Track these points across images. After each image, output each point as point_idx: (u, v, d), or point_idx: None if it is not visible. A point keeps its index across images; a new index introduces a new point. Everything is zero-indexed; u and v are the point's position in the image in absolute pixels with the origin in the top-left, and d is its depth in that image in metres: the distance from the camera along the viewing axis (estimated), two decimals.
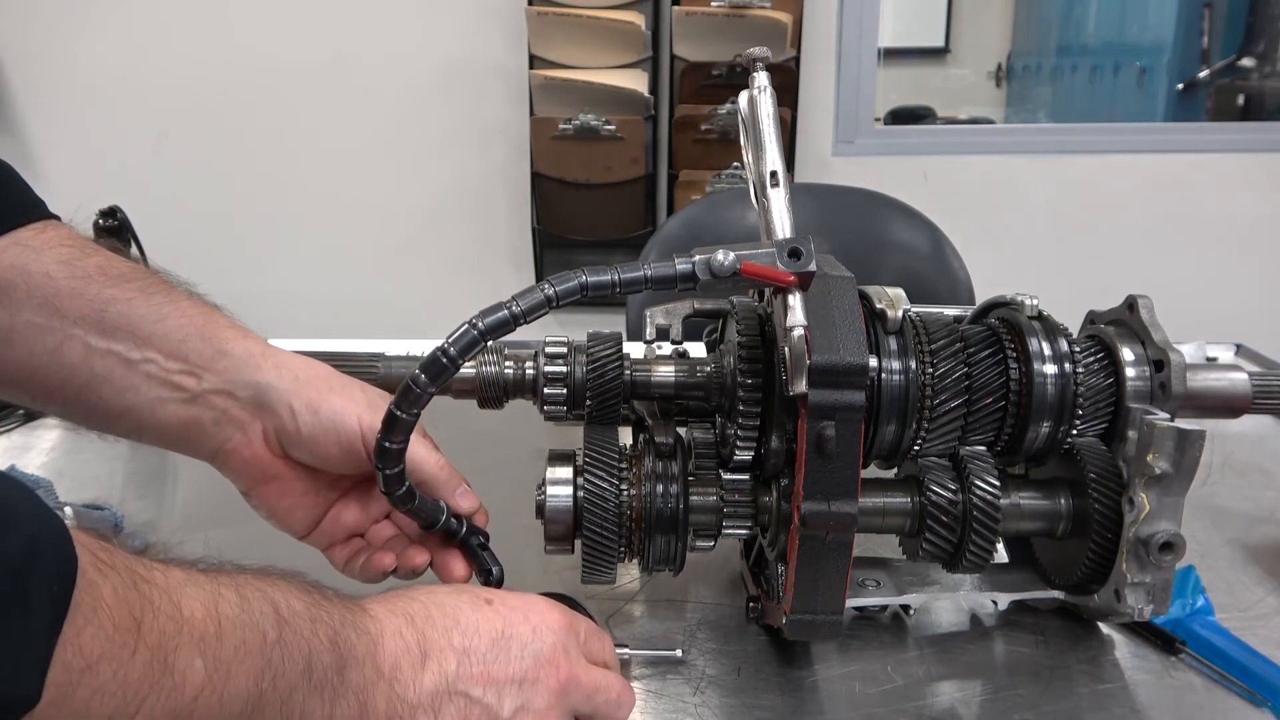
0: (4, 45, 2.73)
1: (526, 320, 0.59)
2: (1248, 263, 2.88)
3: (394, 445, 0.62)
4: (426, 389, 0.59)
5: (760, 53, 0.70)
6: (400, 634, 0.57)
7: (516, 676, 0.60)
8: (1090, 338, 0.81)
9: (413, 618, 0.59)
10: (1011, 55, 4.90)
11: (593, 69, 2.62)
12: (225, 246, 2.83)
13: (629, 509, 0.75)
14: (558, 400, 0.79)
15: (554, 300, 0.59)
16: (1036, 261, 2.81)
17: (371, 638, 0.56)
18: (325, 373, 0.71)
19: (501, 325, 0.58)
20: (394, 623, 0.58)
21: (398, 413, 0.60)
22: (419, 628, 0.58)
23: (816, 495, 0.67)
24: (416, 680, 0.57)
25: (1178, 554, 0.72)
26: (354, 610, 0.57)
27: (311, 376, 0.70)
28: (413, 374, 0.59)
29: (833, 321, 0.67)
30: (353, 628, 0.55)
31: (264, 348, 0.70)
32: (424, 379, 0.59)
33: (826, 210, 1.92)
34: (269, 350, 0.70)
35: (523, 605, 0.63)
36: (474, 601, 0.62)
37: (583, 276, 0.59)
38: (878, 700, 0.75)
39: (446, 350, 0.58)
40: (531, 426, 0.86)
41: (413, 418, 0.60)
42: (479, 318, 0.58)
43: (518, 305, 0.59)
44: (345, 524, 0.73)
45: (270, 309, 0.78)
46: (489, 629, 0.60)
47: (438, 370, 0.58)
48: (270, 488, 0.71)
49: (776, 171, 0.67)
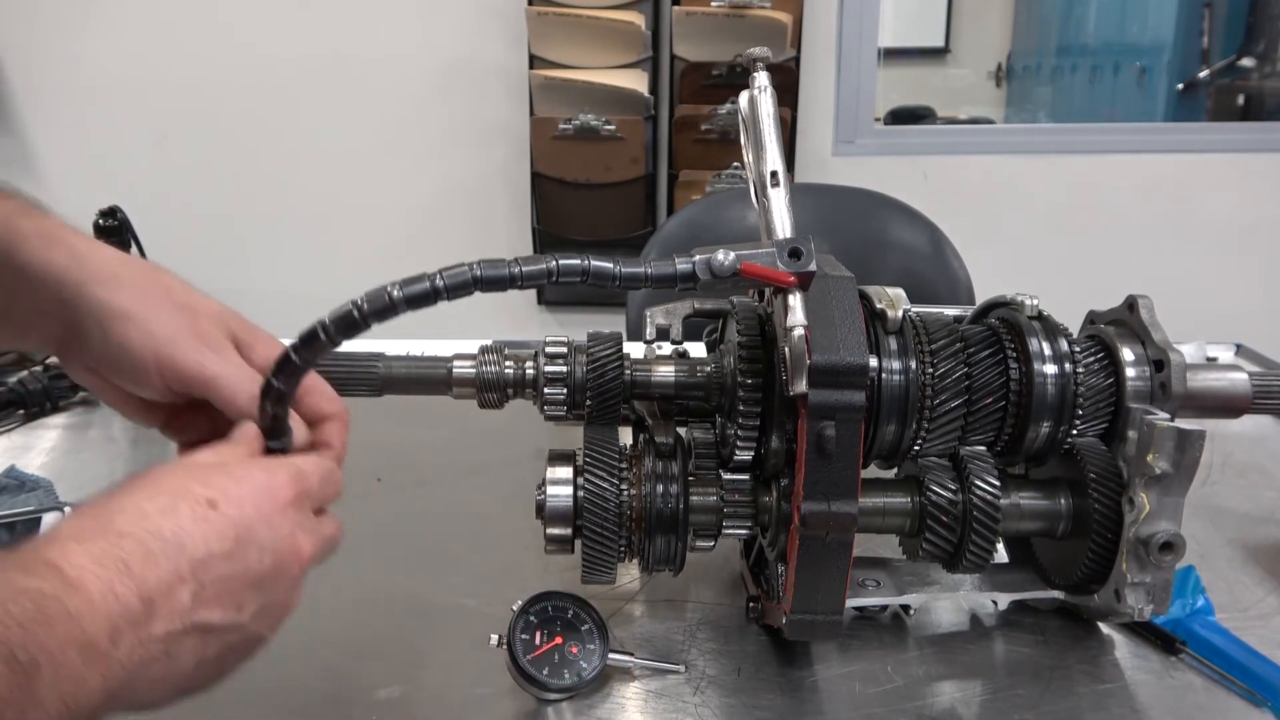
0: (4, 45, 2.74)
1: (449, 296, 0.57)
2: (1248, 263, 2.88)
3: (280, 387, 0.58)
4: (332, 338, 0.56)
5: (760, 53, 0.70)
6: (113, 592, 0.47)
7: (256, 579, 0.54)
8: (1090, 338, 0.81)
9: (128, 564, 0.49)
10: (1011, 55, 4.90)
11: (593, 69, 2.62)
12: (225, 246, 2.84)
13: (629, 509, 0.74)
14: (558, 400, 0.78)
15: (555, 273, 0.57)
16: (1036, 261, 2.81)
17: (73, 617, 0.45)
18: (150, 293, 0.64)
19: (423, 296, 0.56)
20: (105, 578, 0.48)
21: (294, 357, 0.57)
22: (137, 574, 0.49)
23: (816, 495, 0.67)
24: (143, 634, 0.48)
25: (1178, 554, 0.72)
26: (40, 578, 0.46)
27: (126, 299, 0.63)
28: (321, 320, 0.56)
29: (833, 321, 0.67)
30: (40, 619, 0.44)
31: (68, 262, 0.62)
32: (333, 329, 0.55)
33: (826, 210, 1.92)
34: (70, 267, 0.62)
35: (250, 492, 0.55)
36: (194, 511, 0.53)
37: (589, 261, 0.58)
38: (878, 700, 0.75)
39: (359, 305, 0.56)
40: (531, 427, 0.86)
41: (309, 365, 0.57)
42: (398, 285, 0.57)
43: (479, 268, 0.56)
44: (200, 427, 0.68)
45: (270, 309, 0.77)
46: (220, 541, 0.52)
47: (347, 324, 0.55)
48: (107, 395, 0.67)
49: (777, 171, 0.67)
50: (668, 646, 0.80)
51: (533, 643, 0.74)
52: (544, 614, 0.76)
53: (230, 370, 0.64)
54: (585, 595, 0.77)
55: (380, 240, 2.88)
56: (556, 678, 0.73)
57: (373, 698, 0.74)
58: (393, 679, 0.76)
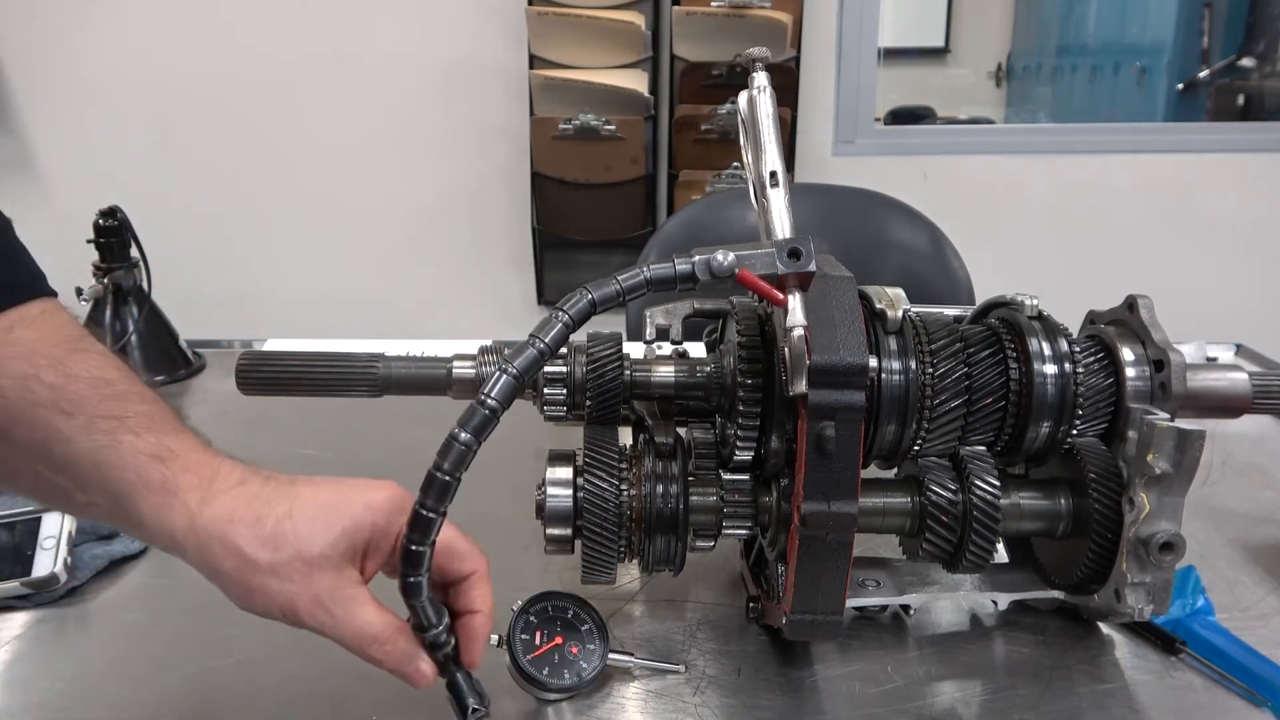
0: (4, 45, 2.73)
1: (555, 353, 0.58)
2: (1248, 263, 2.88)
3: (419, 548, 0.58)
4: (454, 475, 0.56)
5: (759, 53, 0.70)
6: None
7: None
8: (1090, 338, 0.81)
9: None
10: (1011, 55, 4.90)
11: (593, 69, 2.62)
12: (225, 246, 2.84)
13: (629, 509, 0.75)
14: (557, 400, 0.79)
15: (571, 325, 0.58)
16: (1036, 261, 2.81)
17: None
18: (247, 558, 0.60)
19: (533, 364, 0.57)
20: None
21: (423, 511, 0.57)
22: None
23: (816, 495, 0.67)
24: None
25: (1178, 554, 0.72)
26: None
27: (235, 566, 0.60)
28: (436, 463, 0.56)
29: (832, 322, 0.67)
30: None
31: (185, 521, 0.60)
32: (449, 466, 0.56)
33: (826, 210, 1.92)
34: (192, 527, 0.60)
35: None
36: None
37: (590, 294, 0.59)
38: (878, 700, 0.75)
39: (485, 401, 0.56)
40: (532, 427, 0.86)
41: (440, 516, 0.57)
42: (509, 362, 0.57)
43: (540, 342, 0.57)
44: None
45: (270, 309, 0.78)
46: None
47: (459, 459, 0.56)
48: None
49: (776, 172, 0.67)
50: (668, 646, 0.80)
51: (533, 643, 0.74)
52: (544, 614, 0.76)
53: (351, 629, 0.62)
54: (585, 595, 0.77)
55: (380, 240, 2.88)
56: (556, 678, 0.73)
57: (373, 698, 0.74)
58: (393, 679, 0.76)
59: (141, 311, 1.36)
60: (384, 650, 0.62)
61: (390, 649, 0.62)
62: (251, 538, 0.60)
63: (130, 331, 1.34)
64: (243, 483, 0.62)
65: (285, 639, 0.47)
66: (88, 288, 1.33)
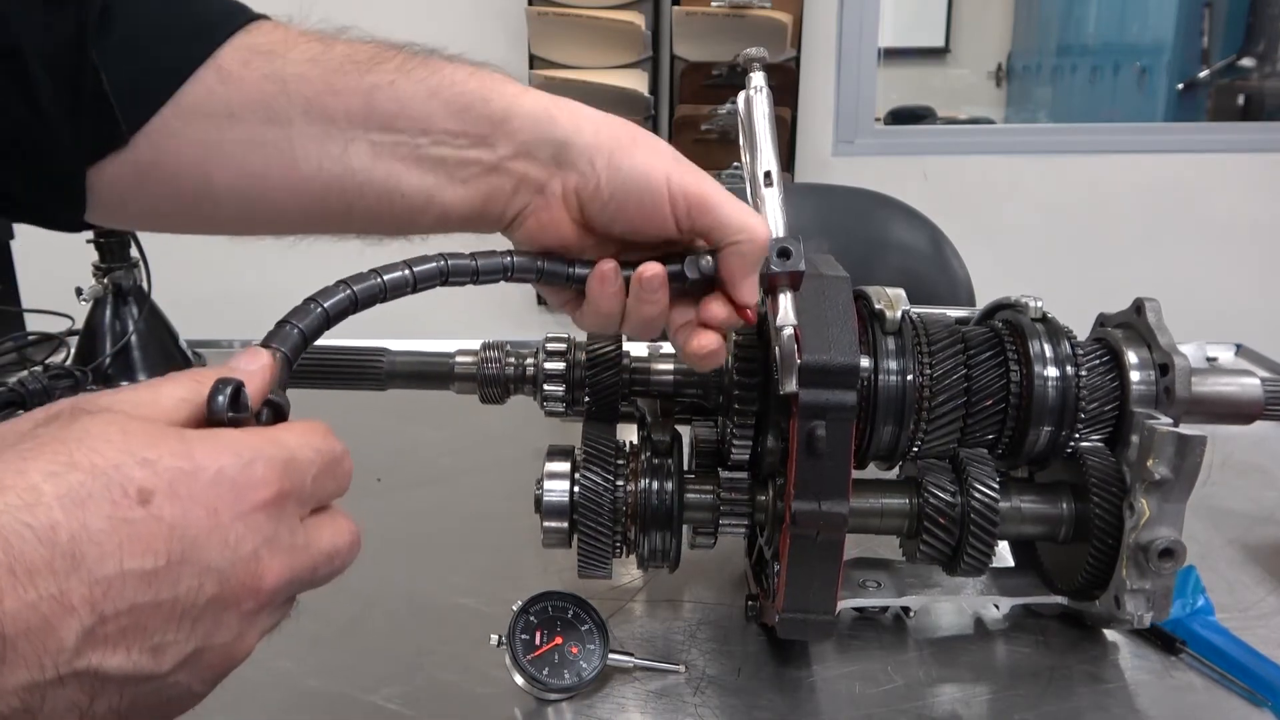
0: None
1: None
2: (1248, 263, 2.88)
3: None
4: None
5: (757, 53, 0.70)
6: None
7: (189, 613, 0.39)
8: (1096, 341, 0.80)
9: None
10: (1011, 55, 4.91)
11: (593, 69, 2.62)
12: (225, 245, 2.82)
13: (624, 504, 0.75)
14: (557, 396, 0.79)
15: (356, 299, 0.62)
16: (1036, 261, 2.81)
17: None
18: (627, 128, 0.62)
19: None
20: None
21: None
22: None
23: (807, 495, 0.67)
24: None
25: (1178, 561, 0.71)
26: None
27: (613, 131, 0.61)
28: None
29: (825, 321, 0.67)
30: None
31: (552, 100, 0.62)
32: None
33: (826, 210, 1.92)
34: (559, 102, 0.62)
35: (207, 485, 0.39)
36: (116, 505, 0.37)
37: (542, 263, 0.61)
38: (878, 701, 0.75)
39: None
40: (533, 426, 0.87)
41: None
42: None
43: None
44: None
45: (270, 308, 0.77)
46: (144, 555, 0.37)
47: None
48: None
49: (770, 172, 0.66)
50: (668, 646, 0.80)
51: (533, 643, 0.74)
52: (544, 614, 0.76)
53: (730, 199, 0.60)
54: (585, 595, 0.77)
55: (380, 240, 2.87)
56: (556, 678, 0.73)
57: (373, 697, 0.74)
58: (393, 679, 0.76)
59: (141, 311, 1.35)
60: None
61: None
62: None
63: (130, 331, 1.34)
64: None
65: (277, 638, 0.46)
66: (88, 288, 1.33)
